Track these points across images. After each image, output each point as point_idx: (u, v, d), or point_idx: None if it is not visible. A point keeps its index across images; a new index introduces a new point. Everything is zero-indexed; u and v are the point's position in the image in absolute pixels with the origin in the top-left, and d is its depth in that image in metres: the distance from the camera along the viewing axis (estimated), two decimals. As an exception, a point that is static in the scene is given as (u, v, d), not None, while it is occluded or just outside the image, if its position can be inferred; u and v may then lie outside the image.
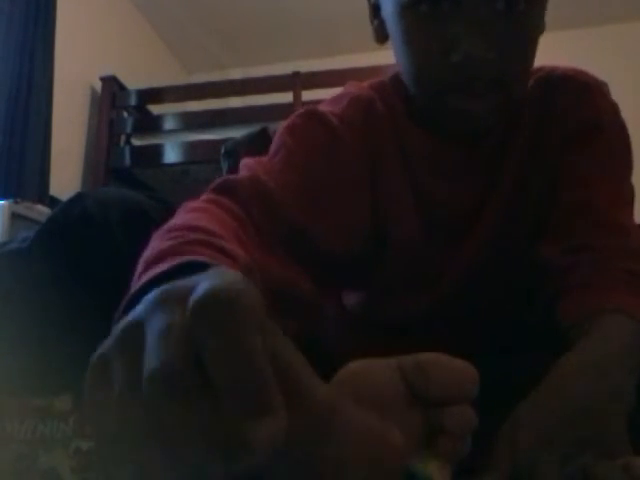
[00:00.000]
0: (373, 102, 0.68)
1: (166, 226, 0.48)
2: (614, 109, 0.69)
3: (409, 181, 0.68)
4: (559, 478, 0.41)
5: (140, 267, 0.41)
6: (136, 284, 0.38)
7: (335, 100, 0.69)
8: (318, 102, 0.71)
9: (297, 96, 2.89)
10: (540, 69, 0.70)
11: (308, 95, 2.82)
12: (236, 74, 3.85)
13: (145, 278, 0.37)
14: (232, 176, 0.59)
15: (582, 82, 0.68)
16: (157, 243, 0.44)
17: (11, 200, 2.13)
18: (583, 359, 0.50)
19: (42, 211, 2.24)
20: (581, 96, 0.67)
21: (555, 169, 0.67)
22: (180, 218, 0.49)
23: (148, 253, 0.42)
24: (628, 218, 0.65)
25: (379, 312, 0.74)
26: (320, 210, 0.60)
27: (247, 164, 0.62)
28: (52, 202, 2.52)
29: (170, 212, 0.68)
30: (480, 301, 0.70)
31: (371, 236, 0.67)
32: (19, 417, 0.58)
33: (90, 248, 0.60)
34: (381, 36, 0.67)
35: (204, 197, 0.55)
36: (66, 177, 2.90)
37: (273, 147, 0.64)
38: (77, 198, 0.63)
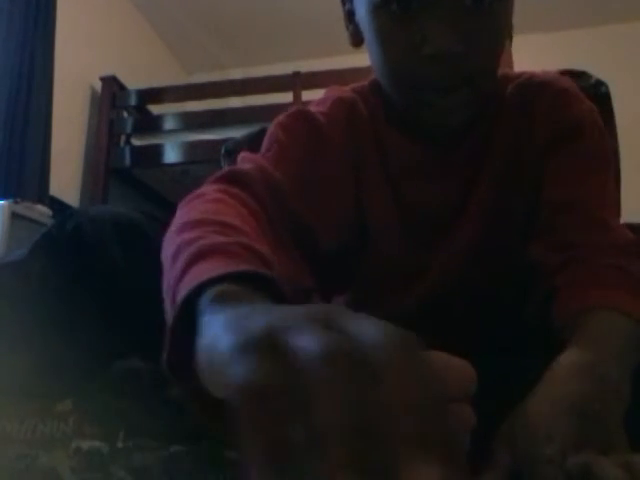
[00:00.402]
0: (355, 103, 0.71)
1: (191, 217, 0.46)
2: (592, 113, 0.70)
3: (389, 182, 0.70)
4: (559, 476, 0.41)
5: (184, 257, 0.40)
6: (182, 278, 0.38)
7: (320, 102, 0.72)
8: (318, 102, 0.73)
9: (297, 96, 2.89)
10: (520, 75, 0.72)
11: (308, 95, 2.81)
12: (236, 74, 3.85)
13: (195, 278, 0.36)
14: (239, 167, 0.60)
15: (560, 87, 0.70)
16: (196, 233, 0.43)
17: (11, 200, 2.14)
18: (579, 358, 0.50)
19: (42, 211, 2.24)
20: (560, 101, 0.69)
21: (537, 171, 0.68)
22: (201, 209, 0.48)
23: (187, 244, 0.41)
24: (613, 218, 0.66)
25: (370, 311, 0.74)
26: (313, 207, 0.62)
27: (246, 157, 0.63)
28: (52, 202, 2.52)
29: (161, 225, 0.69)
30: (470, 300, 0.71)
31: (355, 233, 0.69)
32: (19, 417, 0.58)
33: (84, 262, 0.61)
34: (356, 40, 0.69)
35: (214, 186, 0.54)
36: (66, 177, 2.90)
37: (266, 143, 0.66)
38: (70, 215, 0.65)
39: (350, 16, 0.69)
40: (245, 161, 0.62)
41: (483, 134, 0.69)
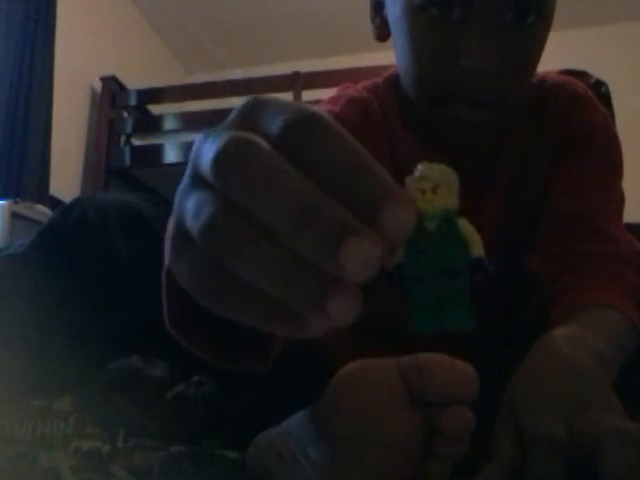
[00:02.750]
0: (370, 104, 0.68)
1: None
2: (604, 118, 0.69)
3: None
4: (560, 459, 0.40)
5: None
6: None
7: (332, 100, 0.69)
8: (318, 102, 0.71)
9: (297, 96, 2.89)
10: None
11: (308, 95, 2.82)
12: (236, 74, 3.85)
13: None
14: None
15: (572, 92, 0.69)
16: None
17: (11, 200, 2.14)
18: (575, 332, 0.50)
19: (42, 211, 2.24)
20: (571, 106, 0.68)
21: (546, 177, 0.67)
22: None
23: None
24: (616, 226, 0.65)
25: (375, 314, 0.74)
26: None
27: None
28: (52, 202, 2.52)
29: (168, 215, 0.68)
30: (482, 308, 0.71)
31: None
32: (19, 417, 0.58)
33: (88, 253, 0.60)
34: (382, 34, 0.66)
35: None
36: (66, 177, 2.90)
37: None
38: (75, 203, 0.63)
39: (378, 8, 0.66)
40: None
41: (497, 138, 0.68)
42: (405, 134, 0.68)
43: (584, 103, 0.68)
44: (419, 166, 0.26)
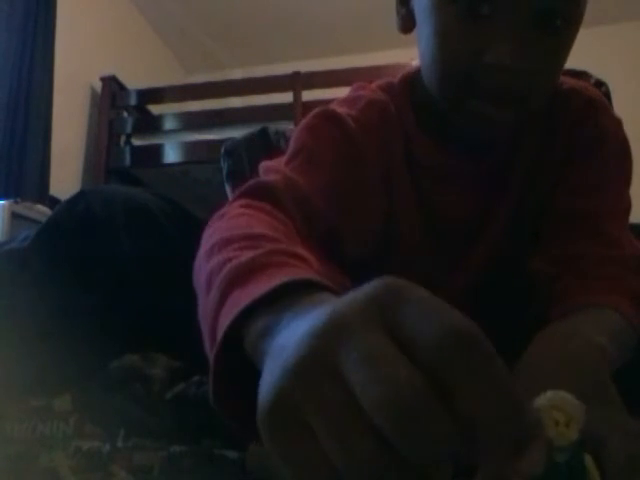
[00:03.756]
0: (387, 106, 0.68)
1: (217, 238, 0.44)
2: (617, 124, 0.69)
3: (415, 189, 0.68)
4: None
5: (217, 286, 0.38)
6: (220, 309, 0.36)
7: (350, 101, 0.68)
8: (318, 102, 0.70)
9: (297, 96, 2.89)
10: None
11: (308, 95, 2.82)
12: (236, 74, 3.86)
13: (247, 298, 0.34)
14: (264, 179, 0.57)
15: (587, 96, 0.69)
16: (225, 255, 0.40)
17: (11, 200, 2.14)
18: (576, 327, 0.51)
19: (42, 211, 2.24)
20: (585, 110, 0.68)
21: (555, 178, 0.67)
22: (227, 227, 0.45)
23: (218, 267, 0.39)
24: (620, 230, 0.65)
25: None
26: (345, 211, 0.60)
27: (269, 167, 0.60)
28: (52, 202, 2.52)
29: (175, 210, 0.68)
30: (484, 307, 0.71)
31: (381, 239, 0.67)
32: (19, 417, 0.58)
33: (92, 248, 0.59)
34: (407, 26, 0.65)
35: (237, 202, 0.52)
36: (66, 177, 2.90)
37: (292, 149, 0.63)
38: (80, 196, 0.62)
39: (404, 0, 0.65)
40: (268, 171, 0.59)
41: (511, 144, 0.68)
42: (419, 134, 0.68)
43: (598, 108, 0.68)
44: (549, 394, 0.28)
